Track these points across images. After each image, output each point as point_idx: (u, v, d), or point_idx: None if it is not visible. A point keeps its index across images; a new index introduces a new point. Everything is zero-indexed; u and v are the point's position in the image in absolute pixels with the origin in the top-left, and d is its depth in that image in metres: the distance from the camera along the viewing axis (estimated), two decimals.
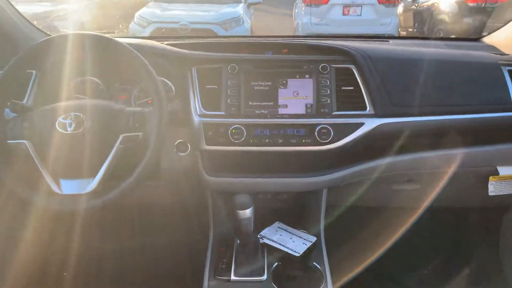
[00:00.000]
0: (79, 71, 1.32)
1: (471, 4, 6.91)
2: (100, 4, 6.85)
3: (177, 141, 1.28)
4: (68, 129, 1.06)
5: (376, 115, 1.23)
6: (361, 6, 6.65)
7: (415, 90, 1.26)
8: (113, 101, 1.20)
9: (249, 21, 6.44)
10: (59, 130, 1.06)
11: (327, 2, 6.67)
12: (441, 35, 6.84)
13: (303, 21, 6.84)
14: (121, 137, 1.07)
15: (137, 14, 6.13)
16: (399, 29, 7.25)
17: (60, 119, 1.07)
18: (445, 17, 7.34)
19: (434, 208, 1.50)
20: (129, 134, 1.08)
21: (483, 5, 6.83)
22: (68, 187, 1.06)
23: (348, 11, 6.69)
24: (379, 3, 6.69)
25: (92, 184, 1.05)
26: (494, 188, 1.36)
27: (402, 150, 1.29)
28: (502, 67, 1.30)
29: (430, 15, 7.81)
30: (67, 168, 1.07)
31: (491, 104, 1.27)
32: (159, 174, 1.30)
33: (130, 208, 1.54)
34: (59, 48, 1.13)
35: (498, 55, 1.38)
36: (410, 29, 8.25)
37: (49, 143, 1.05)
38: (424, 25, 8.00)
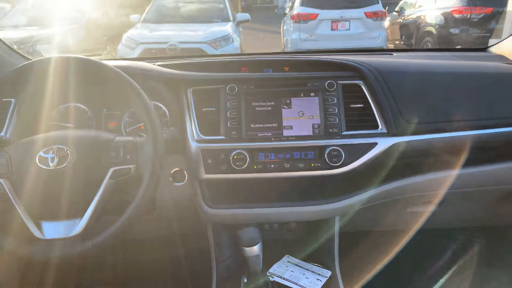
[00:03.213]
0: (63, 98, 1.21)
1: (457, 16, 7.02)
2: (87, 26, 6.77)
3: (173, 170, 1.17)
4: (51, 164, 0.94)
5: (390, 134, 1.14)
6: (349, 21, 6.68)
7: (430, 105, 1.17)
8: (100, 130, 1.08)
9: (239, 39, 6.40)
10: (40, 165, 0.93)
11: (315, 18, 6.68)
12: (429, 47, 6.91)
13: (292, 37, 6.83)
14: (111, 171, 0.95)
15: (125, 36, 6.05)
16: (387, 43, 7.30)
17: (41, 153, 0.94)
18: (432, 29, 7.43)
19: (450, 229, 1.39)
20: (120, 167, 0.96)
21: (468, 16, 6.94)
22: (52, 230, 0.92)
23: (337, 26, 6.71)
24: (367, 17, 6.73)
25: (80, 225, 0.92)
26: None
27: (419, 170, 1.19)
28: None
29: (417, 27, 7.92)
30: (49, 209, 0.93)
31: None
32: (153, 206, 1.17)
33: (123, 243, 1.40)
34: (40, 74, 1.02)
35: None
36: (397, 42, 8.34)
37: (29, 181, 0.93)
38: (411, 37, 8.10)
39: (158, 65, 1.25)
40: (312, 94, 1.16)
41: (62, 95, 1.19)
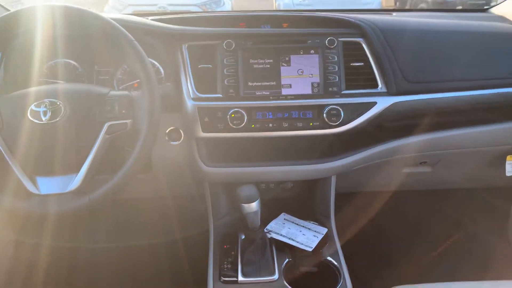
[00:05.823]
0: (53, 52, 1.15)
1: None
2: None
3: (169, 129, 1.15)
4: (43, 118, 0.90)
5: (389, 93, 1.13)
6: None
7: (430, 64, 1.15)
8: (93, 84, 1.04)
9: (230, 1, 6.21)
10: (32, 119, 0.90)
11: None
12: None
13: (285, 1, 6.64)
14: (106, 125, 0.92)
15: None
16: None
17: (32, 106, 0.91)
18: None
19: (446, 190, 1.41)
20: (116, 122, 0.93)
21: None
22: (47, 186, 0.90)
23: None
24: None
25: (76, 181, 0.90)
26: (511, 168, 1.28)
27: (417, 131, 1.19)
28: None
29: None
30: (44, 164, 0.91)
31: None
32: (150, 165, 1.16)
33: (119, 204, 1.39)
34: (26, 24, 0.96)
35: None
36: (391, 8, 8.18)
37: (21, 136, 0.90)
38: (405, 3, 7.95)
39: (152, 19, 1.20)
40: (312, 51, 1.13)
41: (51, 49, 1.14)
